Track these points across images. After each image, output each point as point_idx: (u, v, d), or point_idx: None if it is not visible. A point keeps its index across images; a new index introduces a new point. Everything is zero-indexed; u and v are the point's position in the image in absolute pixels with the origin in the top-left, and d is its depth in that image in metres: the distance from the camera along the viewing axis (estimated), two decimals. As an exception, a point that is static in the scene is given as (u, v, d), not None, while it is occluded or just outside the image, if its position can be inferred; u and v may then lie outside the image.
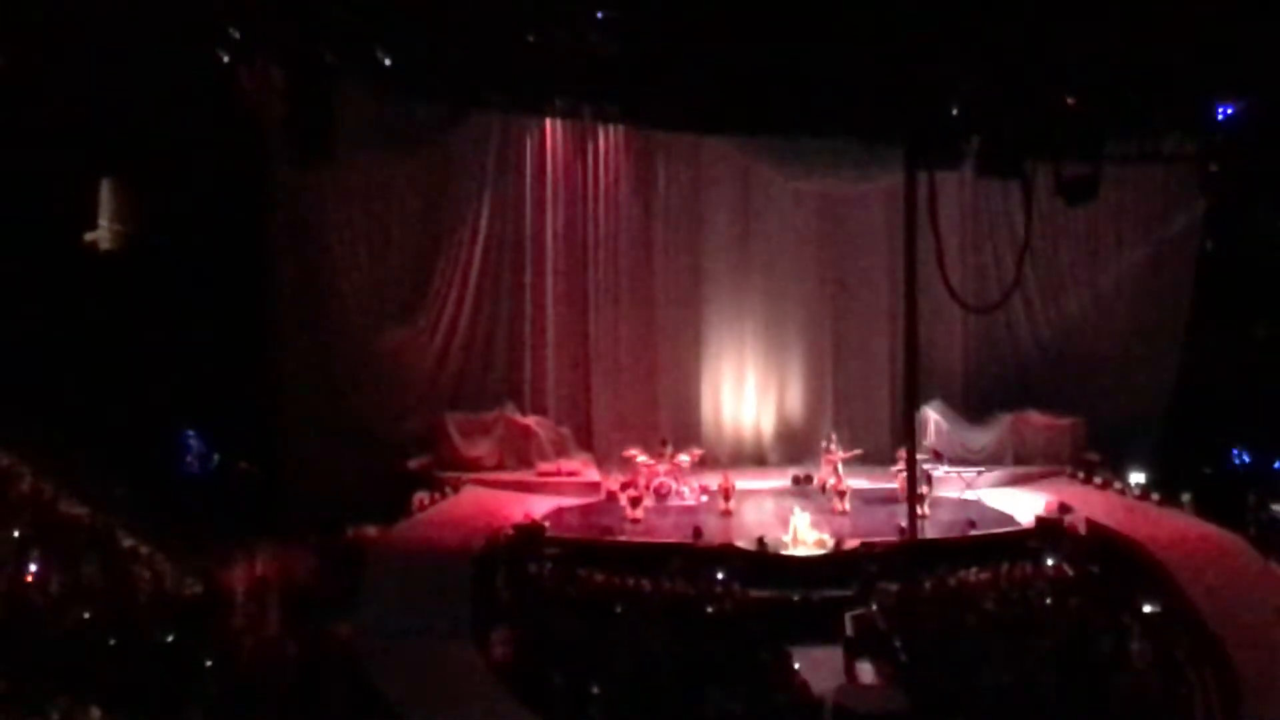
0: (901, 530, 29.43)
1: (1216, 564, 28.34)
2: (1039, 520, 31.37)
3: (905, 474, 29.30)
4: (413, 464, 35.58)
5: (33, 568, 26.34)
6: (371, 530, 30.69)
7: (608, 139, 37.10)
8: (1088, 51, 25.46)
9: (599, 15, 26.83)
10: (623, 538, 31.41)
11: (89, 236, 33.85)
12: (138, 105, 30.92)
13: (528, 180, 37.35)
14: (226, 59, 27.83)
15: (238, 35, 27.46)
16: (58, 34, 28.05)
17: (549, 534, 30.95)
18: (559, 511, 33.38)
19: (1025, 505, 33.25)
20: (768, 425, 39.09)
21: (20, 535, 27.67)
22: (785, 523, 30.91)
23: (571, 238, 37.95)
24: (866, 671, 25.35)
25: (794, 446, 38.50)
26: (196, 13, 26.55)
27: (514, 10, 26.15)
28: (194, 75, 29.06)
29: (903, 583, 27.37)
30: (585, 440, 37.92)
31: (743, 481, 34.93)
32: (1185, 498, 32.84)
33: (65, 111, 30.94)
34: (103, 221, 34.05)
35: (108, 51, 28.58)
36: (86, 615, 24.86)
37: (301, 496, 32.90)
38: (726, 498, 33.39)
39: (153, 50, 28.06)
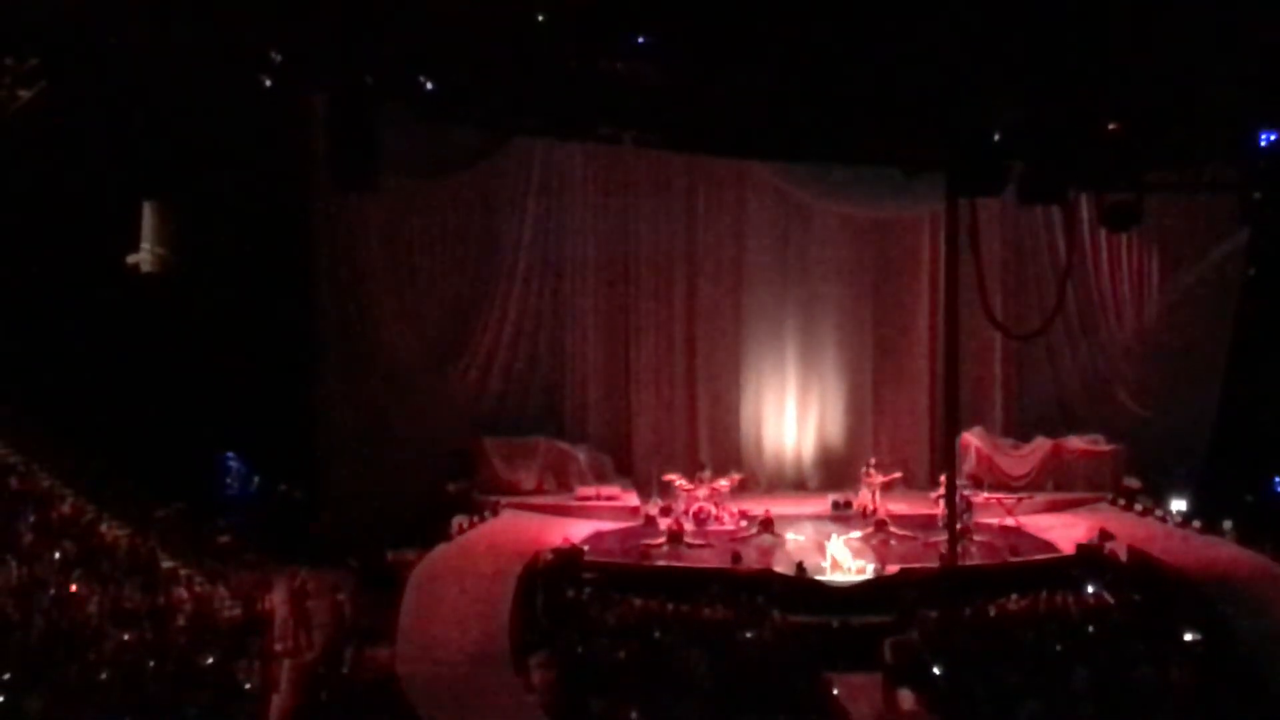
0: (942, 557, 29.38)
1: (1258, 592, 28.25)
2: (1080, 548, 31.30)
3: (946, 500, 29.23)
4: (452, 488, 35.60)
5: (74, 589, 26.49)
6: (411, 554, 30.76)
7: (649, 164, 37.04)
8: (1130, 79, 25.38)
9: (640, 41, 26.85)
10: (661, 562, 31.36)
11: (131, 259, 33.99)
12: (181, 129, 31.11)
13: (569, 205, 37.36)
14: (269, 84, 27.91)
15: (280, 60, 27.54)
16: (102, 59, 28.21)
17: (588, 559, 30.93)
18: (598, 536, 33.37)
19: (1066, 532, 33.13)
20: (808, 450, 38.91)
21: (62, 557, 27.85)
22: (824, 548, 30.87)
23: (612, 263, 37.93)
24: (906, 698, 25.31)
25: (834, 471, 38.27)
26: (239, 38, 26.64)
27: (555, 36, 26.16)
28: (237, 100, 29.20)
29: (943, 610, 27.29)
30: (625, 465, 37.84)
31: (782, 506, 34.87)
32: (1227, 525, 32.68)
33: (108, 135, 31.15)
34: (145, 244, 34.20)
35: (151, 76, 28.73)
36: (127, 637, 24.97)
37: (341, 519, 33.08)
38: (766, 527, 33.23)
39: (196, 75, 28.19)
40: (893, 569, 30.16)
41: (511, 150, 36.02)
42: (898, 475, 35.12)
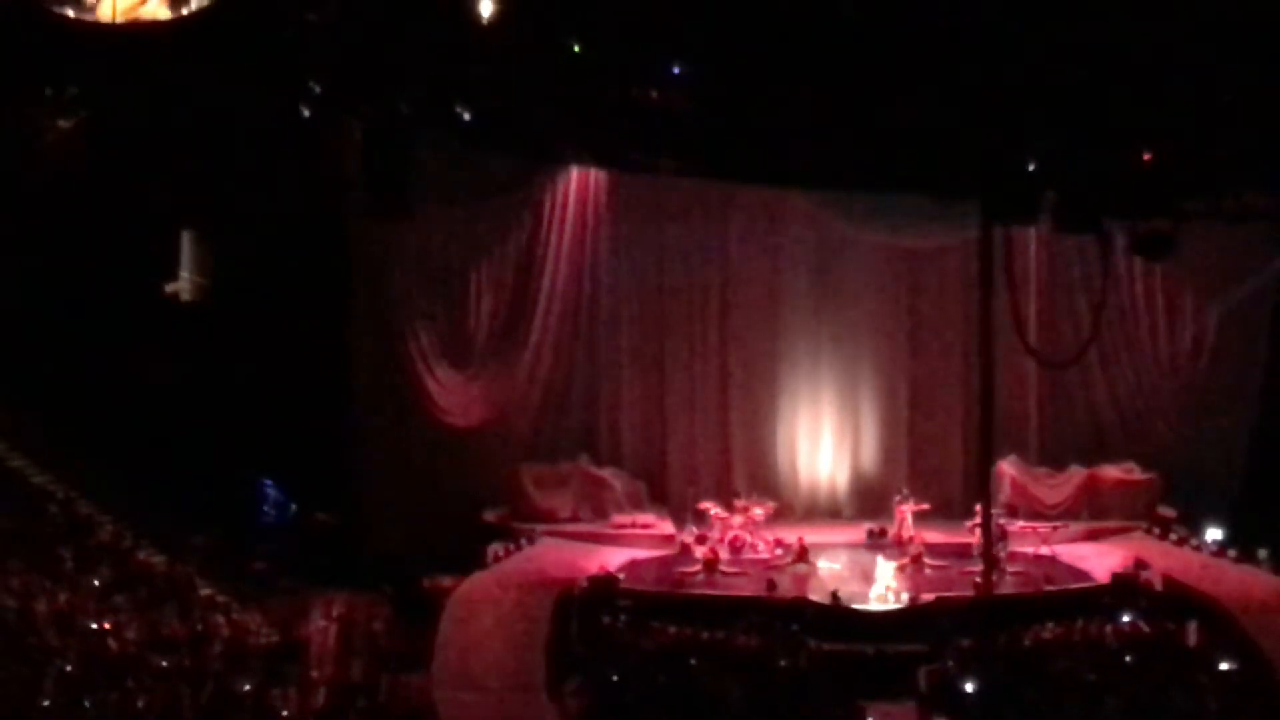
0: (977, 586, 29.32)
1: (1294, 622, 28.16)
2: (1115, 577, 31.14)
3: (980, 529, 29.19)
4: (488, 515, 35.58)
5: (111, 616, 26.59)
6: (447, 581, 30.78)
7: (684, 192, 37.06)
8: (1165, 107, 25.41)
9: (676, 70, 26.96)
10: (696, 591, 31.36)
11: (170, 288, 34.18)
12: (219, 158, 31.29)
13: (604, 233, 37.36)
14: (306, 112, 28.08)
15: (317, 89, 27.71)
16: (140, 87, 28.40)
17: (623, 586, 30.95)
18: (633, 564, 33.36)
19: (1101, 561, 32.97)
20: (842, 478, 38.68)
21: (100, 584, 27.96)
22: (859, 577, 30.86)
23: (647, 290, 37.94)
24: (940, 728, 25.31)
25: (869, 500, 38.03)
26: (277, 66, 26.82)
27: (591, 64, 26.29)
28: (274, 128, 29.38)
29: (977, 639, 27.25)
30: (660, 493, 37.70)
31: (817, 535, 34.79)
32: (1263, 554, 32.48)
33: (147, 164, 31.34)
34: (184, 273, 34.40)
35: (189, 105, 28.93)
36: (164, 664, 25.06)
37: (378, 547, 33.17)
38: (800, 555, 33.18)
39: (234, 104, 28.37)
40: (928, 598, 30.11)
41: (547, 178, 36.11)
42: (925, 505, 35.01)
